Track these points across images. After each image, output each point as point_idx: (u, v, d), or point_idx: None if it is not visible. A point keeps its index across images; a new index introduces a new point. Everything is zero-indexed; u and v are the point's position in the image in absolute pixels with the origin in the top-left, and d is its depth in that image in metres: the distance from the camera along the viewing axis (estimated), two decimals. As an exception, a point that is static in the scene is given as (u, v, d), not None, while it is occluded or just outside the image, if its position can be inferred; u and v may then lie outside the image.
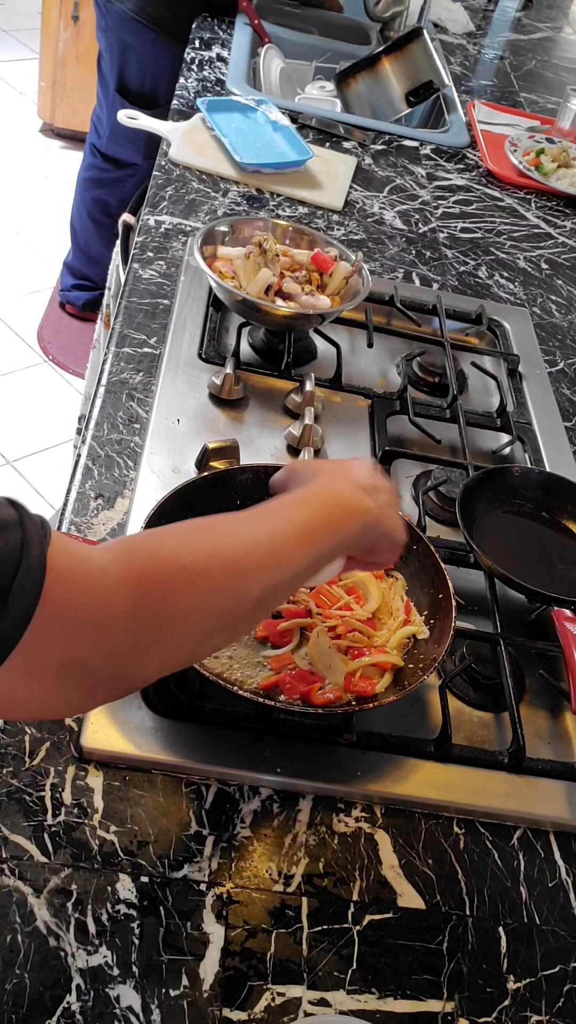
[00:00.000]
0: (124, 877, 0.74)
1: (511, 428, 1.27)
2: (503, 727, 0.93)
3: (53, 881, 0.73)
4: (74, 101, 3.63)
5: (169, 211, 1.55)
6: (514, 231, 1.82)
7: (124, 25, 2.26)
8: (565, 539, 1.09)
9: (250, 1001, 0.70)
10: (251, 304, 1.21)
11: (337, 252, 1.32)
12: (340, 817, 0.83)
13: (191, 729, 0.83)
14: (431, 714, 0.92)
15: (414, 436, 1.23)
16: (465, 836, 0.84)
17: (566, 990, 0.77)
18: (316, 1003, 0.71)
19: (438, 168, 1.96)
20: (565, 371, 1.48)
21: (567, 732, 0.95)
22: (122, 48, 2.31)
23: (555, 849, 0.85)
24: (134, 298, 1.34)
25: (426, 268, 1.61)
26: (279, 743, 0.84)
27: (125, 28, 2.27)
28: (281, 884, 0.77)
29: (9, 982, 0.67)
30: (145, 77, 2.33)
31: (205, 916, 0.74)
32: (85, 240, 2.74)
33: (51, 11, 3.45)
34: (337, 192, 1.73)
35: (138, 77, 2.34)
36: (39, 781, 0.78)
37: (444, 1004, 0.73)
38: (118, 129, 2.39)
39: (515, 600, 1.03)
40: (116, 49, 2.33)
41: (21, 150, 3.76)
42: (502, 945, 0.78)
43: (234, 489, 0.98)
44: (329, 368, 1.30)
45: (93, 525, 1.00)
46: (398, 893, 0.79)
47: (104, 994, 0.68)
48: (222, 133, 1.74)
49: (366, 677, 0.87)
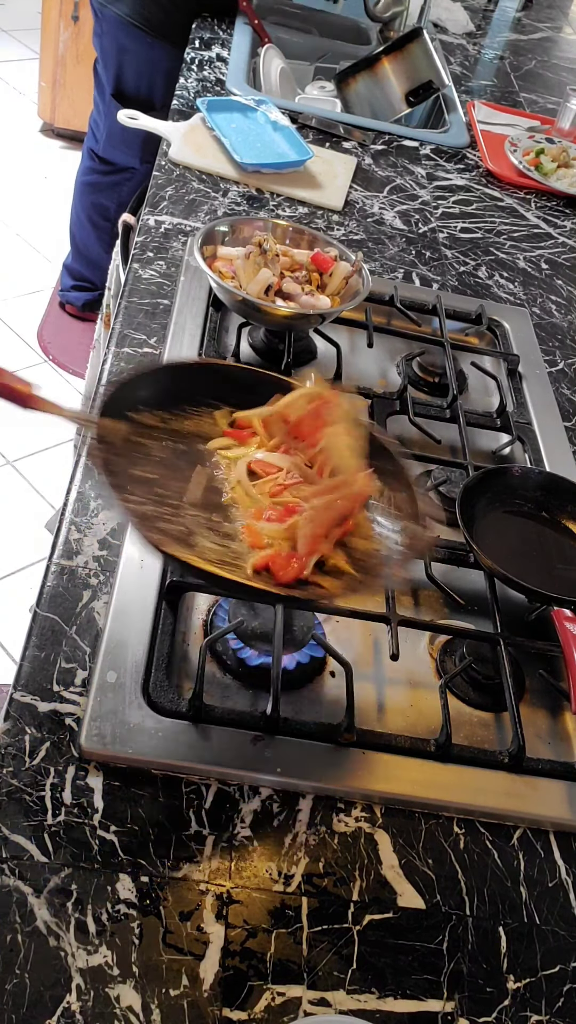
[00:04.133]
0: (124, 877, 0.74)
1: (511, 428, 1.27)
2: (503, 727, 0.93)
3: (53, 881, 0.73)
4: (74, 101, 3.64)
5: (169, 211, 1.55)
6: (514, 231, 1.82)
7: (120, 30, 2.26)
8: (565, 539, 1.09)
9: (250, 1001, 0.70)
10: (251, 304, 1.21)
11: (337, 252, 1.32)
12: (340, 817, 0.83)
13: (191, 729, 0.83)
14: (431, 714, 0.92)
15: (414, 436, 1.23)
16: (465, 836, 0.84)
17: (566, 990, 0.77)
18: (316, 1003, 0.71)
19: (438, 168, 1.96)
20: (565, 371, 1.48)
21: (567, 732, 0.95)
22: (118, 53, 2.31)
23: (555, 849, 0.85)
24: (134, 298, 1.34)
25: (426, 268, 1.61)
26: (279, 743, 0.84)
27: (121, 32, 2.26)
28: (281, 884, 0.77)
29: (9, 982, 0.67)
30: (141, 81, 2.33)
31: (205, 916, 0.74)
32: (84, 243, 2.75)
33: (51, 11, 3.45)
34: (337, 192, 1.73)
35: (134, 81, 2.33)
36: (39, 781, 0.78)
37: (444, 1004, 0.73)
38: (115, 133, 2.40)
39: (515, 600, 1.03)
40: (112, 54, 2.33)
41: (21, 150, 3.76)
42: (502, 945, 0.78)
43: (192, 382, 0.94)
44: (329, 368, 1.30)
45: (93, 525, 1.00)
46: (398, 893, 0.79)
47: (104, 994, 0.68)
48: (222, 133, 1.74)
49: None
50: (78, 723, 0.82)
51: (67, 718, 0.82)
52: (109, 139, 2.46)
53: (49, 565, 0.96)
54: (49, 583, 0.93)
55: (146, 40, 2.24)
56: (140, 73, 2.31)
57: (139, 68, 2.31)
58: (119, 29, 2.26)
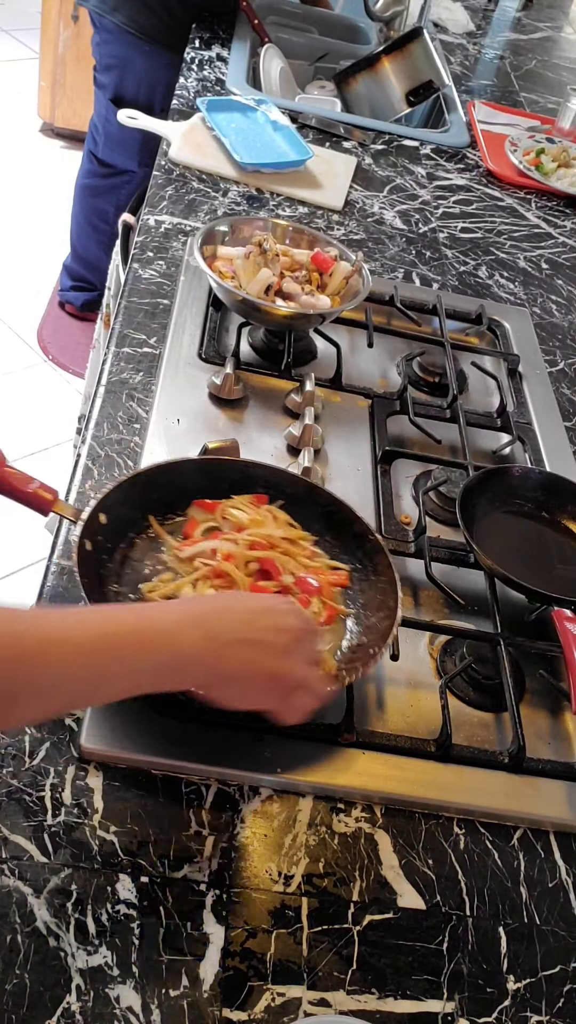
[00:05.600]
0: (124, 877, 0.74)
1: (511, 428, 1.27)
2: (503, 727, 0.93)
3: (53, 881, 0.73)
4: (74, 101, 3.64)
5: (169, 211, 1.55)
6: (514, 231, 1.82)
7: (118, 37, 2.26)
8: (565, 539, 1.09)
9: (250, 1001, 0.70)
10: (251, 304, 1.21)
11: (337, 252, 1.32)
12: (340, 817, 0.83)
13: (191, 729, 0.83)
14: (431, 714, 0.92)
15: (414, 436, 1.23)
16: (465, 836, 0.84)
17: (566, 990, 0.77)
18: (316, 1003, 0.71)
19: (438, 168, 1.96)
20: (565, 371, 1.48)
21: (567, 732, 0.95)
22: (116, 61, 2.31)
23: (555, 849, 0.85)
24: (134, 298, 1.34)
25: (426, 268, 1.61)
26: (279, 743, 0.84)
27: (119, 41, 2.26)
28: (281, 884, 0.77)
29: (9, 982, 0.67)
30: (141, 88, 2.32)
31: (205, 916, 0.74)
32: (83, 245, 2.75)
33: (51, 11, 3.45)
34: (337, 192, 1.73)
35: (134, 89, 2.33)
36: (39, 781, 0.78)
37: (444, 1004, 0.73)
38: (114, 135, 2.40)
39: (515, 600, 1.03)
40: (111, 62, 2.33)
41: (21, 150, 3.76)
42: (502, 945, 0.78)
43: (183, 478, 0.98)
44: (329, 368, 1.30)
45: (93, 525, 1.00)
46: (398, 893, 0.79)
47: (104, 994, 0.68)
48: (222, 133, 1.74)
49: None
50: (78, 723, 0.82)
51: (67, 718, 0.82)
52: (107, 141, 2.46)
53: (49, 565, 0.96)
54: (49, 583, 0.93)
55: (144, 48, 2.24)
56: (140, 80, 2.31)
57: (138, 76, 2.30)
58: (117, 37, 2.26)
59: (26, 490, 0.85)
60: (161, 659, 0.68)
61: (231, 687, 0.73)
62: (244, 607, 0.74)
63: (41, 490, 0.86)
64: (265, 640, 0.73)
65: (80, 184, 2.64)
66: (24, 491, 0.86)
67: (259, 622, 0.73)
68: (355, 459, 1.18)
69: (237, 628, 0.71)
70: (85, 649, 0.64)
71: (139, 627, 0.68)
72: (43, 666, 0.62)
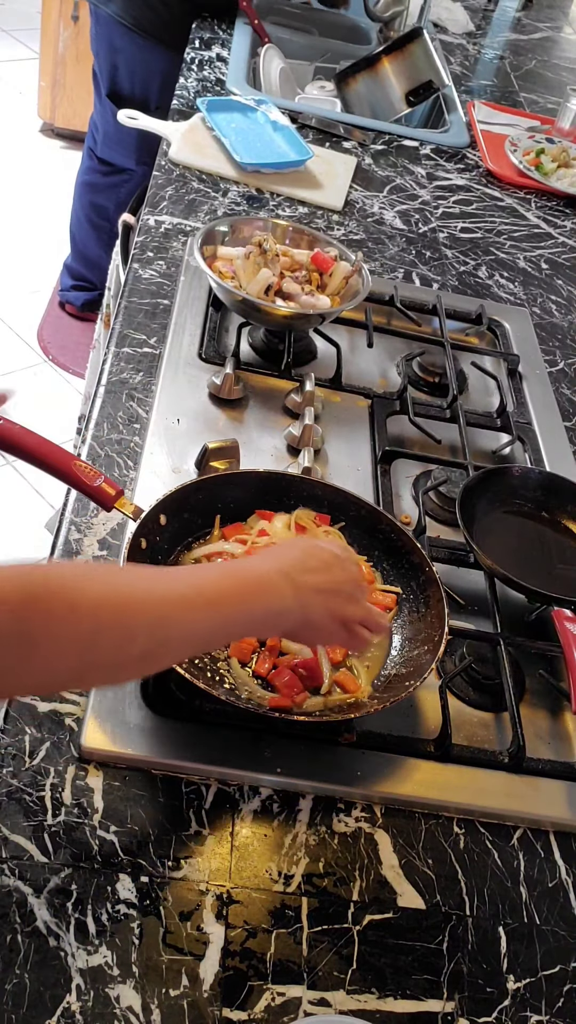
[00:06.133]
0: (124, 877, 0.74)
1: (511, 428, 1.27)
2: (503, 727, 0.93)
3: (53, 881, 0.73)
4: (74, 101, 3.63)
5: (169, 211, 1.55)
6: (514, 231, 1.82)
7: (113, 29, 2.26)
8: (565, 539, 1.09)
9: (250, 1001, 0.70)
10: (251, 304, 1.21)
11: (337, 252, 1.32)
12: (340, 817, 0.83)
13: (191, 729, 0.83)
14: (431, 714, 0.92)
15: (414, 436, 1.23)
16: (465, 836, 0.84)
17: (566, 990, 0.77)
18: (316, 1003, 0.71)
19: (438, 168, 1.96)
20: (565, 371, 1.48)
21: (567, 732, 0.95)
22: (111, 52, 2.31)
23: (555, 849, 0.85)
24: (134, 298, 1.34)
25: (426, 268, 1.61)
26: (279, 743, 0.84)
27: (113, 33, 2.27)
28: (281, 884, 0.77)
29: (9, 982, 0.67)
30: (135, 82, 2.32)
31: (205, 916, 0.74)
32: (83, 243, 2.75)
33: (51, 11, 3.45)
34: (337, 192, 1.73)
35: (128, 82, 2.33)
36: (39, 781, 0.78)
37: (444, 1004, 0.73)
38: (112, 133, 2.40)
39: (515, 600, 1.03)
40: (106, 54, 2.33)
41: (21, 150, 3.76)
42: (502, 945, 0.78)
43: (220, 495, 0.99)
44: (329, 368, 1.30)
45: (93, 525, 1.00)
46: (398, 893, 0.79)
47: (104, 994, 0.68)
48: (222, 133, 1.74)
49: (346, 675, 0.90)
50: (78, 723, 0.82)
51: (67, 718, 0.82)
52: (106, 139, 2.46)
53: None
54: (49, 583, 0.93)
55: (138, 41, 2.24)
56: (133, 73, 2.31)
57: (132, 68, 2.31)
58: (112, 28, 2.26)
59: (92, 484, 0.90)
60: (259, 614, 0.75)
61: (312, 632, 0.80)
62: (318, 559, 0.79)
63: (106, 485, 0.90)
64: (339, 589, 0.79)
65: (80, 181, 2.64)
66: (91, 485, 0.90)
67: (332, 573, 0.79)
68: (355, 459, 1.18)
69: (318, 581, 0.77)
70: (212, 602, 0.71)
71: (245, 581, 0.74)
72: (181, 619, 0.68)
